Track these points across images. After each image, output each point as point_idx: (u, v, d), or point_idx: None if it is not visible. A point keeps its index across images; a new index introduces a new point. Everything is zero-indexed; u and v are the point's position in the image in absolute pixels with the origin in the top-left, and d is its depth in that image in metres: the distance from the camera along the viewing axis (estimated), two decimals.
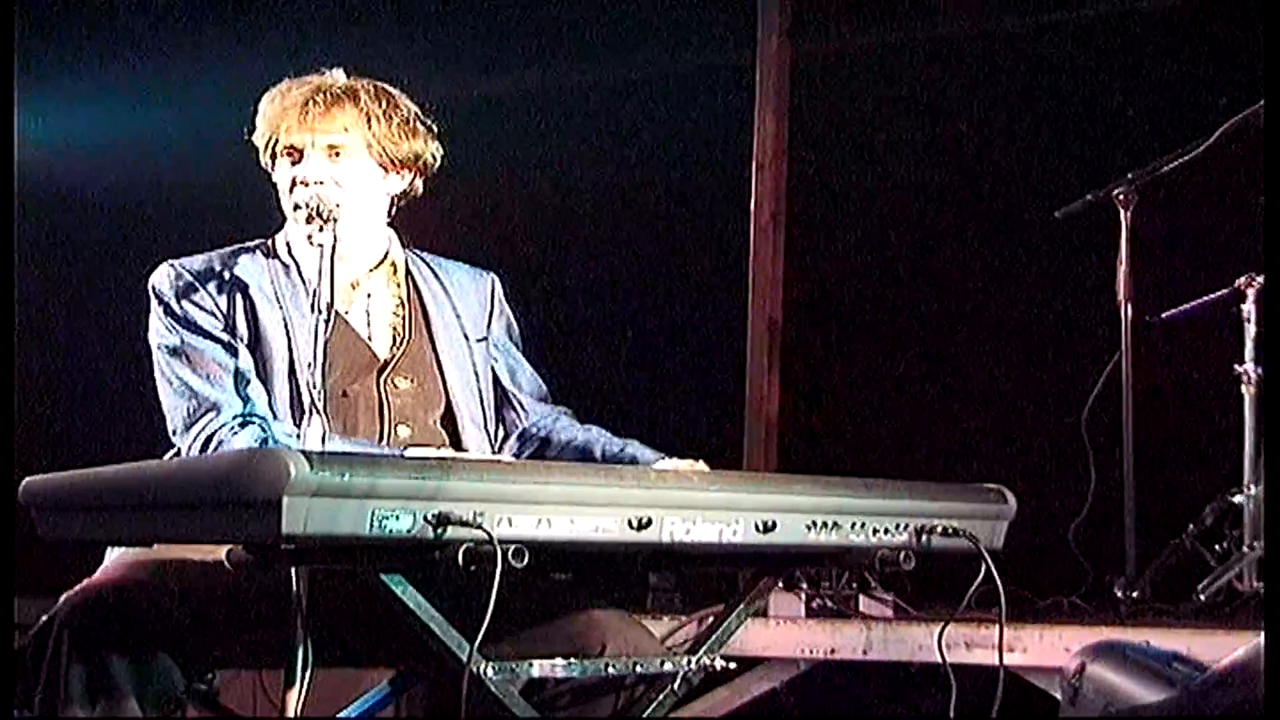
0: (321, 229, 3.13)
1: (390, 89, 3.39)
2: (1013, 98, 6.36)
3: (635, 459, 3.29)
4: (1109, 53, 6.21)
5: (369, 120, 3.32)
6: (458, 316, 3.46)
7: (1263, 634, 2.86)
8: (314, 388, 2.93)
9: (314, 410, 2.92)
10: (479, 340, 3.47)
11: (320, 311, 2.99)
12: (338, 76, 3.36)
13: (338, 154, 3.30)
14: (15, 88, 4.17)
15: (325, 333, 2.97)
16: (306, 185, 3.26)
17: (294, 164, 3.30)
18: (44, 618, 2.96)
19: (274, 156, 3.34)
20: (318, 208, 3.19)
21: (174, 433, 3.22)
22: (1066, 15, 6.32)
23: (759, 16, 6.36)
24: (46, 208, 7.35)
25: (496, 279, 3.58)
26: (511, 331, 3.57)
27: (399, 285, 3.43)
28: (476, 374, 3.42)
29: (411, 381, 3.35)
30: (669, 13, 6.82)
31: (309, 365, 2.97)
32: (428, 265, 3.51)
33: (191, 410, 3.19)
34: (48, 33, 7.16)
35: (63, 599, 2.97)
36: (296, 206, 3.25)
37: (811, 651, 4.76)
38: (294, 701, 2.79)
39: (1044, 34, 6.36)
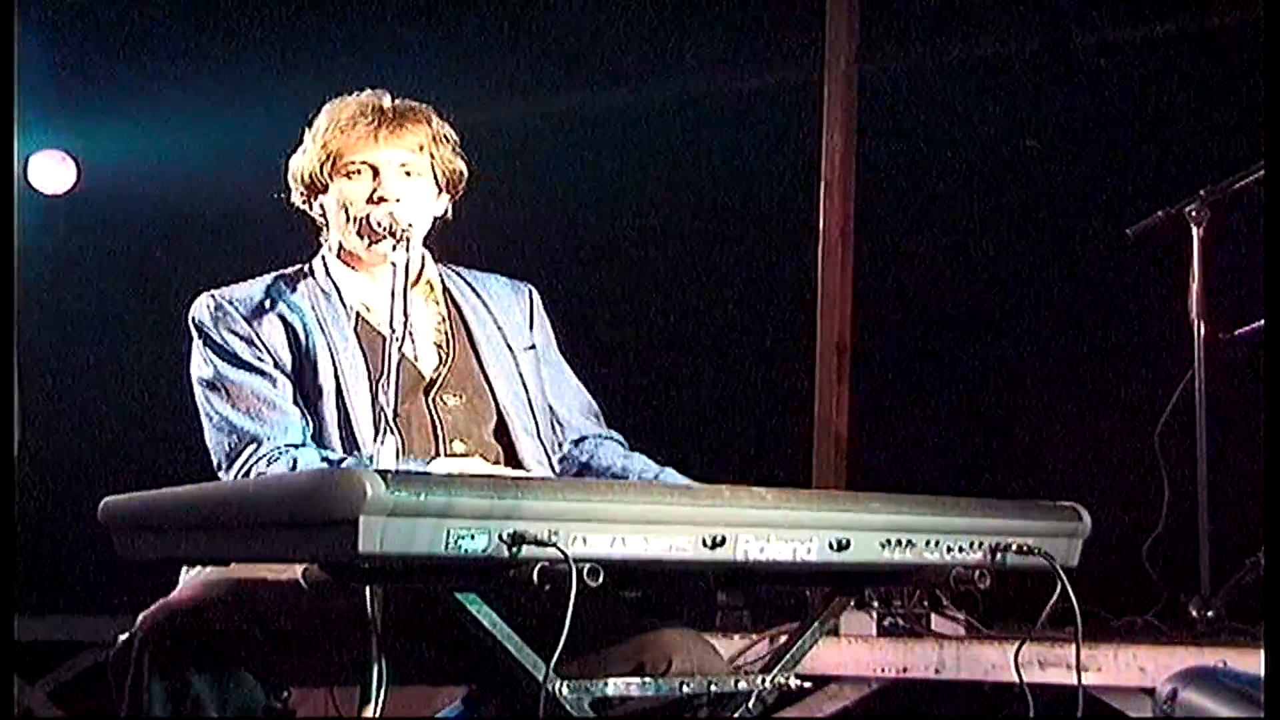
0: (395, 248, 3.13)
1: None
2: (1083, 114, 6.33)
3: None
4: (1180, 69, 6.16)
5: (435, 140, 3.33)
6: (499, 329, 3.43)
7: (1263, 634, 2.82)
8: (388, 407, 2.93)
9: (387, 429, 2.92)
10: (526, 349, 3.45)
11: (395, 330, 2.98)
12: (387, 96, 3.34)
13: (409, 172, 3.30)
14: (18, 90, 4.17)
15: (399, 353, 2.96)
16: (384, 203, 3.26)
17: (371, 180, 3.28)
18: (124, 635, 2.97)
19: (336, 174, 3.31)
20: (390, 226, 3.19)
21: (218, 468, 3.21)
22: (1136, 32, 6.29)
23: (826, 34, 6.34)
24: (117, 220, 7.44)
25: (534, 290, 3.55)
26: (552, 343, 3.54)
27: (438, 303, 3.41)
28: (525, 384, 3.40)
29: (460, 397, 3.32)
30: (737, 32, 6.83)
31: (381, 384, 2.97)
32: (464, 280, 3.49)
33: (232, 445, 3.18)
34: (104, 52, 7.24)
35: (142, 616, 2.98)
36: (365, 223, 3.25)
37: (884, 670, 4.73)
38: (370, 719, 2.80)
39: (1114, 51, 6.32)
